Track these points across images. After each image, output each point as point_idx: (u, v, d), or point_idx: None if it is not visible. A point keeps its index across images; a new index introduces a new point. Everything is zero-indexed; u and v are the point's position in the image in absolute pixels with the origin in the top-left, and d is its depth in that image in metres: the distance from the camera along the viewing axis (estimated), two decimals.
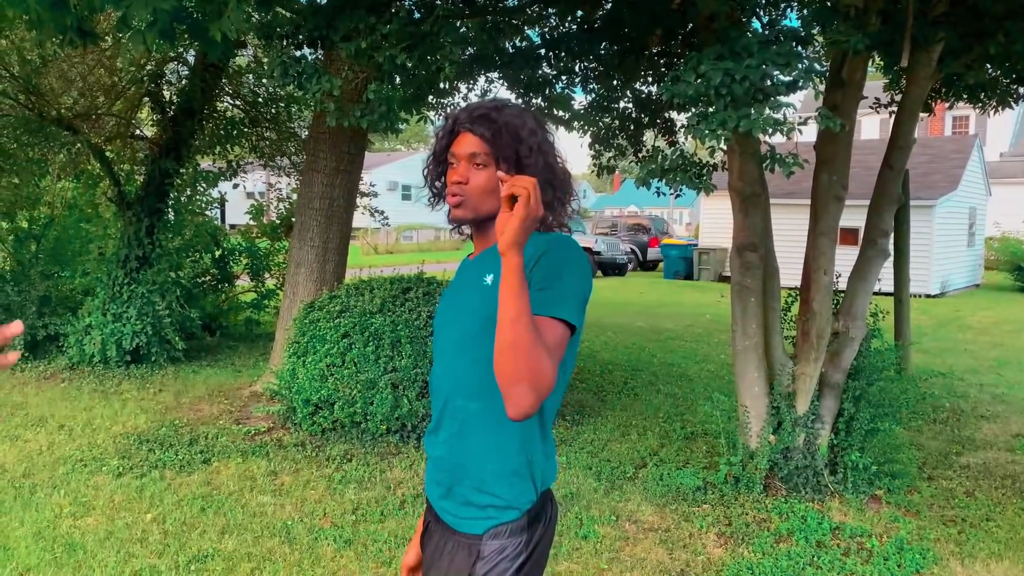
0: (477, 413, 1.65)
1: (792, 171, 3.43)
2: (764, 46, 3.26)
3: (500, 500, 1.65)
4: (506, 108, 1.68)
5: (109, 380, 7.35)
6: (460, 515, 1.68)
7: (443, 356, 1.73)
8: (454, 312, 1.73)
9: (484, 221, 1.71)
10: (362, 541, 4.03)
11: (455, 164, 1.69)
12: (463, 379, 1.66)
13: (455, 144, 1.69)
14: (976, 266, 20.60)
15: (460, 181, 1.67)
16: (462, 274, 1.79)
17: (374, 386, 5.39)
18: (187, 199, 9.03)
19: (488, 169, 1.65)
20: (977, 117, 28.09)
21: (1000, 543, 4.14)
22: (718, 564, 3.86)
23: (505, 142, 1.63)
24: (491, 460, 1.65)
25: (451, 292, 1.79)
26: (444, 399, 1.71)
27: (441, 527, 1.72)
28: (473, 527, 1.65)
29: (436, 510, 1.74)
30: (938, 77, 4.88)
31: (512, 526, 1.64)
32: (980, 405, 7.11)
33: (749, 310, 4.72)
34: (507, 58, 5.95)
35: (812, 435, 4.72)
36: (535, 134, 1.66)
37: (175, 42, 4.27)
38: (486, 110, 1.67)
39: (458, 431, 1.68)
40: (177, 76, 9.49)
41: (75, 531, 4.08)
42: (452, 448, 1.69)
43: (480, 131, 1.64)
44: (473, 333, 1.63)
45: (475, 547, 1.64)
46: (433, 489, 1.76)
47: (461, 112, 1.70)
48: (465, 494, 1.67)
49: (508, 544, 1.63)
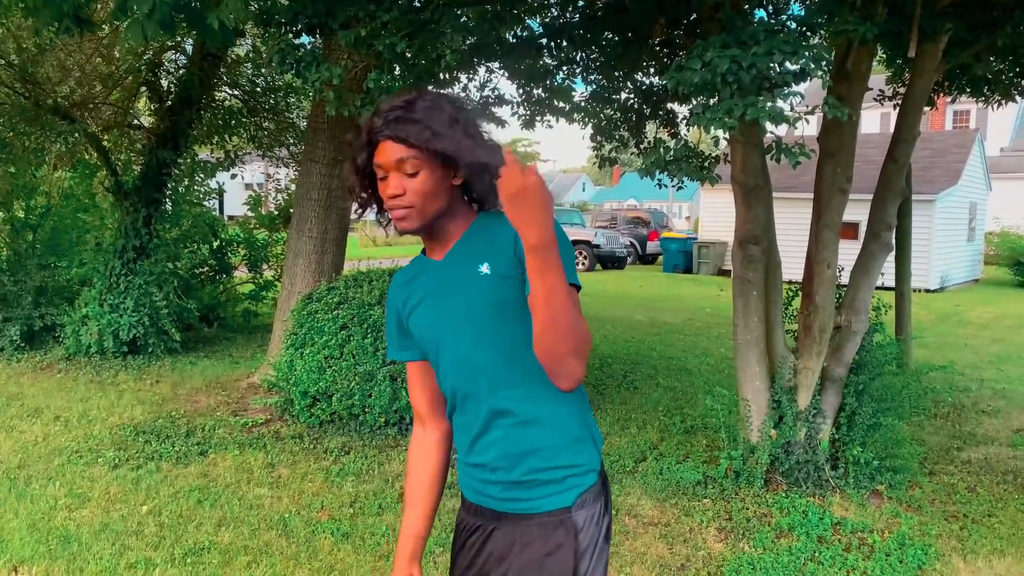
0: (524, 398, 1.61)
1: (799, 161, 3.39)
2: (771, 34, 3.22)
3: (577, 468, 1.64)
4: (418, 101, 1.57)
5: (106, 371, 7.31)
6: (540, 495, 1.63)
7: (461, 363, 1.65)
8: (454, 314, 1.64)
9: (434, 223, 1.64)
10: (360, 534, 4.00)
11: (384, 176, 1.59)
12: (496, 372, 1.61)
13: (378, 154, 1.58)
14: (976, 261, 20.58)
15: (397, 194, 1.57)
16: (435, 276, 1.69)
17: (372, 378, 5.35)
18: (185, 189, 8.97)
19: (422, 172, 1.56)
20: (978, 112, 28.04)
21: (1002, 539, 4.11)
22: (719, 559, 3.83)
23: (428, 138, 1.53)
24: (554, 436, 1.63)
25: (433, 299, 1.68)
26: (481, 402, 1.64)
27: (510, 521, 1.65)
28: (562, 500, 1.62)
29: (500, 506, 1.67)
30: (944, 69, 4.83)
31: (593, 490, 1.66)
32: (981, 400, 7.08)
33: (751, 303, 4.68)
34: (508, 48, 5.89)
35: (813, 430, 4.69)
36: (457, 120, 1.56)
37: (175, 32, 4.22)
38: (399, 110, 1.55)
39: (512, 424, 1.63)
40: (175, 65, 9.42)
41: (70, 523, 4.04)
42: (508, 443, 1.63)
43: (401, 135, 1.54)
44: (489, 325, 1.60)
45: (568, 521, 1.61)
46: (490, 489, 1.68)
47: (374, 119, 1.58)
48: (537, 476, 1.62)
49: (594, 509, 1.65)
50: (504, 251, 1.60)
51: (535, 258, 1.38)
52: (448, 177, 1.60)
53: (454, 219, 1.66)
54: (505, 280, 1.59)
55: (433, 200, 1.59)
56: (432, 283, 1.70)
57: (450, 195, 1.62)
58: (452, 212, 1.65)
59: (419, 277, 1.74)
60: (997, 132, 30.06)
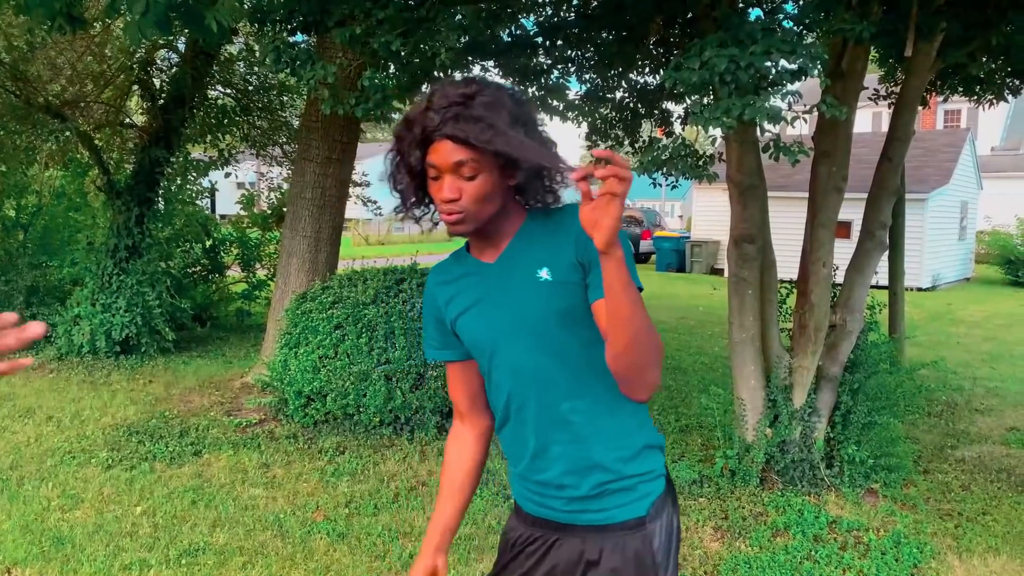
0: (586, 409, 1.55)
1: (798, 160, 3.39)
2: (768, 33, 3.21)
3: (647, 474, 1.60)
4: (477, 96, 1.43)
5: (98, 371, 7.27)
6: (613, 505, 1.57)
7: (519, 372, 1.57)
8: (511, 322, 1.56)
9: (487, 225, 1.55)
10: (355, 535, 3.98)
11: (437, 177, 1.48)
12: (557, 382, 1.55)
13: (432, 153, 1.46)
14: (967, 260, 20.65)
15: (452, 199, 1.47)
16: (488, 280, 1.60)
17: (367, 378, 5.33)
18: (177, 188, 8.93)
19: (481, 176, 1.46)
20: (969, 111, 28.13)
21: (997, 537, 4.13)
22: (715, 558, 3.83)
23: (490, 140, 1.41)
24: (620, 447, 1.57)
25: (487, 305, 1.59)
26: (541, 412, 1.57)
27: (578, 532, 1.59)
28: (636, 509, 1.57)
29: (565, 517, 1.60)
30: (938, 68, 4.84)
31: (664, 495, 1.62)
32: (974, 399, 7.11)
33: (746, 302, 4.68)
34: (502, 46, 5.88)
35: (809, 428, 4.69)
36: (518, 118, 1.45)
37: (170, 32, 4.20)
38: (458, 106, 1.42)
39: (571, 439, 1.56)
40: (167, 63, 9.38)
41: (63, 524, 4.01)
42: (570, 460, 1.57)
43: (461, 136, 1.41)
44: (550, 333, 1.53)
45: (644, 532, 1.56)
46: (553, 502, 1.61)
47: (429, 114, 1.44)
48: (607, 487, 1.57)
49: (665, 516, 1.61)
50: (564, 256, 1.52)
51: (614, 264, 1.31)
52: (505, 178, 1.51)
53: (507, 219, 1.57)
54: (566, 286, 1.52)
55: (489, 203, 1.50)
56: (484, 287, 1.60)
57: (505, 196, 1.54)
58: (505, 212, 1.56)
59: (466, 278, 1.64)
60: (988, 131, 30.16)
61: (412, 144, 1.48)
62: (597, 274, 1.46)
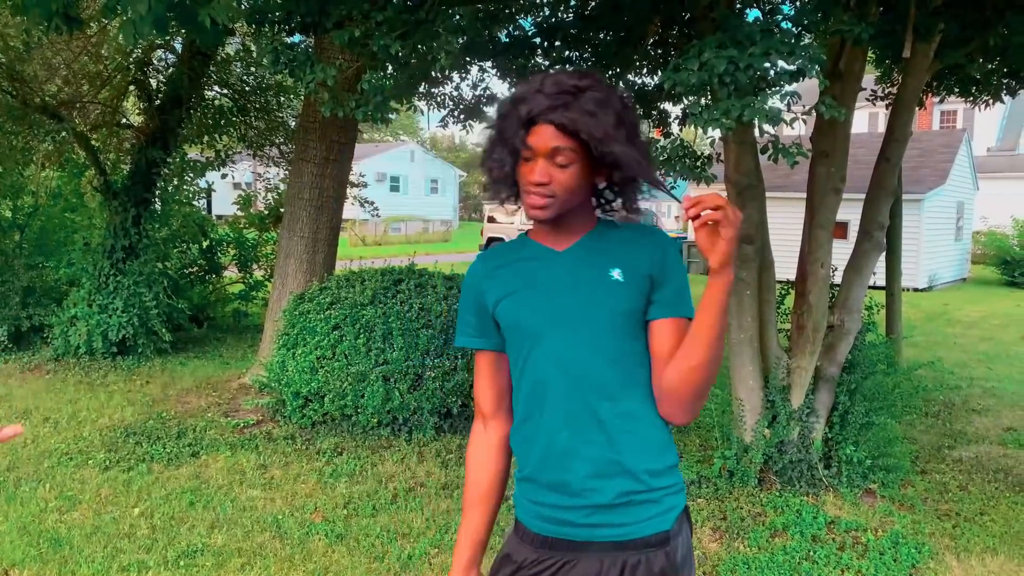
0: (626, 415, 1.52)
1: (796, 161, 3.39)
2: (767, 34, 3.22)
3: (672, 487, 1.56)
4: (589, 90, 1.43)
5: (95, 372, 7.26)
6: (638, 518, 1.51)
7: (562, 361, 1.53)
8: (569, 311, 1.53)
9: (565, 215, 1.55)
10: (354, 535, 3.98)
11: (531, 160, 1.48)
12: (603, 382, 1.51)
13: (532, 135, 1.45)
14: (963, 260, 20.69)
15: (542, 182, 1.47)
16: (552, 266, 1.57)
17: (365, 379, 5.33)
18: (174, 189, 8.91)
19: (574, 167, 1.47)
20: (965, 112, 28.19)
21: (995, 537, 4.13)
22: (714, 559, 3.83)
23: (592, 138, 1.42)
24: (652, 460, 1.54)
25: (543, 290, 1.56)
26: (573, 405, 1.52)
27: (595, 550, 1.51)
28: (662, 523, 1.52)
29: (582, 534, 1.53)
30: (935, 69, 4.85)
31: (685, 510, 1.60)
32: (971, 399, 7.12)
33: (744, 303, 4.68)
34: (500, 47, 5.88)
35: (807, 429, 4.70)
36: (622, 121, 1.45)
37: (167, 32, 4.19)
38: (568, 95, 1.42)
39: (608, 439, 1.51)
40: (164, 64, 9.37)
41: (61, 526, 4.00)
42: (601, 459, 1.51)
43: (568, 126, 1.42)
44: (609, 332, 1.52)
45: (666, 547, 1.52)
46: (570, 515, 1.53)
47: (537, 96, 1.44)
48: (633, 498, 1.51)
49: (684, 529, 1.59)
50: (638, 264, 1.53)
51: (722, 294, 1.39)
52: (593, 175, 1.52)
53: (583, 215, 1.58)
54: (633, 292, 1.53)
55: (575, 195, 1.51)
56: (545, 273, 1.58)
57: (588, 193, 1.55)
58: (583, 208, 1.57)
59: (522, 263, 1.61)
60: (984, 132, 30.25)
61: (515, 123, 1.47)
62: (666, 293, 1.51)
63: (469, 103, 6.87)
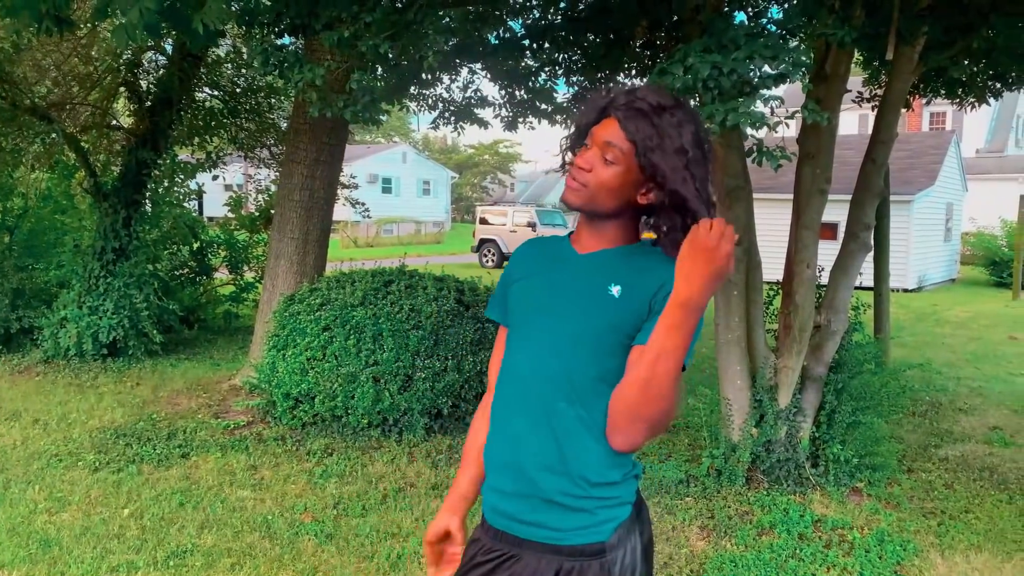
0: (578, 420, 1.55)
1: (780, 164, 3.43)
2: (751, 38, 3.25)
3: (611, 499, 1.58)
4: (668, 112, 1.51)
5: (85, 374, 7.25)
6: (572, 526, 1.55)
7: (540, 347, 1.59)
8: (558, 312, 1.59)
9: (598, 216, 1.60)
10: (343, 535, 3.99)
11: (588, 146, 1.56)
12: (565, 384, 1.56)
13: (599, 126, 1.55)
14: (952, 261, 20.82)
15: (584, 168, 1.55)
16: (565, 266, 1.64)
17: (355, 380, 5.34)
18: (165, 190, 8.91)
19: (616, 167, 1.52)
20: (954, 113, 28.37)
21: (979, 535, 4.18)
22: (701, 557, 3.86)
23: (646, 148, 1.49)
24: (592, 470, 1.56)
25: (548, 285, 1.63)
26: (534, 401, 1.58)
27: (535, 550, 1.56)
28: (597, 535, 1.55)
29: (524, 531, 1.59)
30: (920, 71, 4.90)
31: (627, 522, 1.59)
32: (958, 398, 7.18)
33: (732, 303, 4.72)
34: (490, 49, 5.90)
35: (794, 428, 4.74)
36: (684, 152, 1.49)
37: (159, 35, 4.21)
38: (648, 106, 1.50)
39: (557, 435, 1.56)
40: (155, 65, 9.36)
41: (50, 527, 4.01)
42: (548, 451, 1.56)
43: (629, 125, 1.50)
44: (586, 342, 1.55)
45: (601, 557, 1.54)
46: (516, 506, 1.60)
47: (622, 94, 1.54)
48: (568, 502, 1.55)
49: (629, 543, 1.58)
50: (643, 288, 1.55)
51: (675, 314, 1.40)
52: (638, 189, 1.55)
53: (617, 228, 1.61)
54: (628, 314, 1.54)
55: (608, 196, 1.55)
56: (558, 271, 1.64)
57: (627, 205, 1.57)
58: (619, 221, 1.60)
59: (546, 256, 1.70)
60: (973, 134, 30.44)
61: (595, 108, 1.58)
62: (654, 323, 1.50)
63: (460, 105, 6.90)
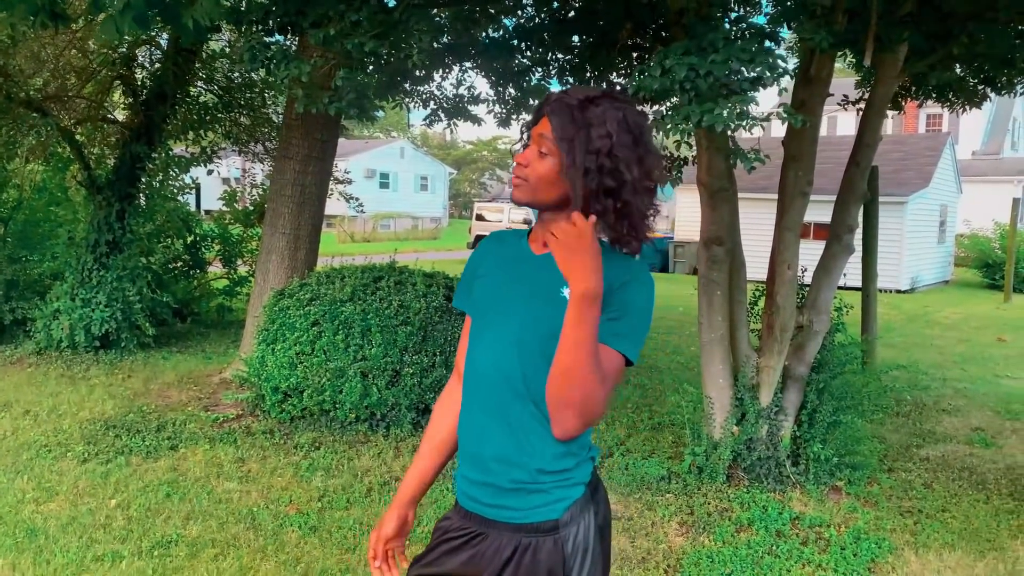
0: (529, 415, 1.63)
1: (753, 166, 3.48)
2: (729, 42, 3.30)
3: (565, 480, 1.65)
4: (594, 104, 1.57)
5: (77, 365, 7.29)
6: (530, 505, 1.63)
7: (494, 345, 1.66)
8: (513, 313, 1.65)
9: (547, 210, 1.66)
10: (327, 528, 4.05)
11: (528, 144, 1.65)
12: (518, 383, 1.62)
13: (537, 125, 1.63)
14: (946, 263, 20.90)
15: (521, 163, 1.63)
16: (521, 266, 1.70)
17: (343, 375, 5.39)
18: (159, 184, 8.95)
19: (551, 158, 1.59)
20: (950, 116, 28.42)
21: (954, 533, 4.24)
22: (679, 552, 3.92)
23: (570, 136, 1.55)
24: (543, 458, 1.63)
25: (505, 285, 1.70)
26: (491, 397, 1.66)
27: (498, 529, 1.65)
28: (549, 512, 1.63)
29: (489, 512, 1.67)
30: (904, 77, 4.95)
31: (581, 501, 1.66)
32: (942, 399, 7.24)
33: (715, 303, 4.77)
34: (481, 47, 5.94)
35: (775, 427, 4.79)
36: (609, 137, 1.54)
37: (148, 28, 4.24)
38: (575, 100, 1.58)
39: (510, 430, 1.64)
40: (149, 59, 9.39)
41: (37, 516, 4.06)
42: (503, 445, 1.64)
43: (554, 119, 1.58)
44: (536, 341, 1.60)
45: (555, 534, 1.62)
46: (483, 492, 1.68)
47: (556, 94, 1.62)
48: (524, 486, 1.63)
49: (583, 521, 1.65)
50: None
51: (579, 308, 1.47)
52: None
53: None
54: None
55: (548, 188, 1.61)
56: (513, 270, 1.70)
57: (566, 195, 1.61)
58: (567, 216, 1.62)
59: (508, 250, 1.76)
60: (969, 136, 30.51)
61: (536, 111, 1.66)
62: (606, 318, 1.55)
63: (452, 102, 6.94)
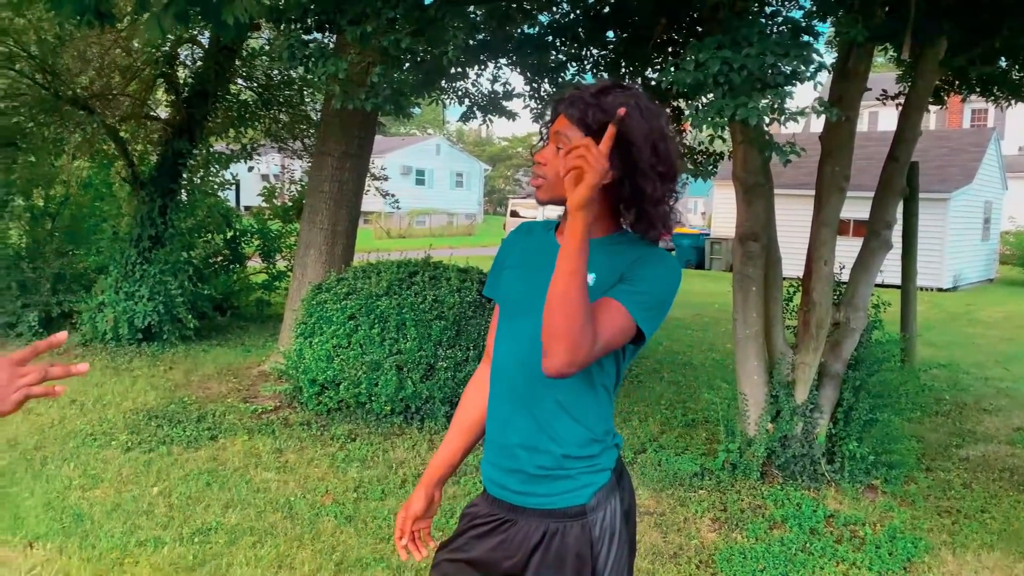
0: (557, 403, 1.65)
1: (789, 160, 3.46)
2: (765, 36, 3.29)
3: (591, 466, 1.67)
4: (610, 93, 1.57)
5: (121, 357, 7.47)
6: (557, 491, 1.66)
7: (517, 337, 1.68)
8: (535, 300, 1.59)
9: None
10: (362, 518, 4.11)
11: (546, 143, 1.66)
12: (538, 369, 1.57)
13: (554, 124, 1.63)
14: (991, 260, 20.47)
15: (540, 162, 1.63)
16: (548, 255, 1.62)
17: (379, 368, 5.46)
18: (200, 180, 9.12)
19: None
20: (996, 111, 27.79)
21: (993, 534, 4.17)
22: (711, 548, 3.92)
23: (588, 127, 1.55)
24: (571, 447, 1.65)
25: (531, 275, 1.68)
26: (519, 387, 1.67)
27: (526, 515, 1.68)
28: (577, 498, 1.65)
29: (517, 499, 1.70)
30: (944, 71, 4.87)
31: (607, 487, 1.69)
32: (983, 399, 7.11)
33: (750, 299, 4.75)
34: (516, 44, 5.97)
35: (810, 424, 4.76)
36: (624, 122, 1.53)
37: (189, 25, 4.34)
38: (588, 94, 1.58)
39: (536, 419, 1.66)
40: (191, 58, 9.56)
41: (83, 502, 4.18)
42: (530, 433, 1.67)
43: (569, 112, 1.58)
44: None
45: (582, 519, 1.65)
46: (511, 480, 1.70)
47: (570, 90, 1.63)
48: (551, 473, 1.66)
49: (609, 507, 1.68)
50: (615, 268, 1.62)
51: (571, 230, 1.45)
52: None
53: (597, 219, 1.61)
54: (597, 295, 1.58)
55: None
56: (539, 261, 1.68)
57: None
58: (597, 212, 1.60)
59: (535, 241, 1.77)
60: (1015, 131, 29.79)
61: (554, 110, 1.66)
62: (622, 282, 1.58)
63: (487, 97, 6.98)
